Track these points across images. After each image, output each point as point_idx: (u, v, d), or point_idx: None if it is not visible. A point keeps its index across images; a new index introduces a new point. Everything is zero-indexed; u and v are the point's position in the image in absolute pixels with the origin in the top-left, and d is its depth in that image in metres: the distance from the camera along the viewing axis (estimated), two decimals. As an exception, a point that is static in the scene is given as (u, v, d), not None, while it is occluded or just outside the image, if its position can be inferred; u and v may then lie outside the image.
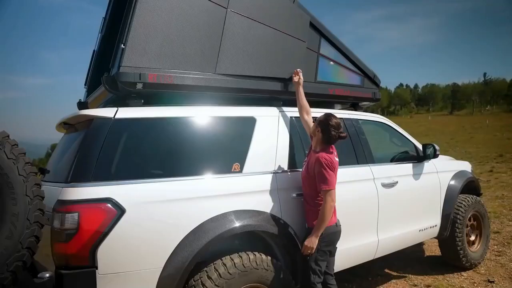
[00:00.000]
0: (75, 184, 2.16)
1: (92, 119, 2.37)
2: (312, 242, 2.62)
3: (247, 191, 2.66)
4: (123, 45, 2.42)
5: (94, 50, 3.64)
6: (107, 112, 2.37)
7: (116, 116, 2.36)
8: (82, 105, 3.37)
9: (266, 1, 3.17)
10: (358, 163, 3.46)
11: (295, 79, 3.14)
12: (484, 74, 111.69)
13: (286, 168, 2.92)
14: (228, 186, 2.59)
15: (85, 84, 3.71)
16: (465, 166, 4.86)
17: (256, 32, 3.05)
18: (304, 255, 2.68)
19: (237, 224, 2.49)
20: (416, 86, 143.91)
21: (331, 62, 3.70)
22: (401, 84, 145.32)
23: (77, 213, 2.06)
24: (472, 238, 4.69)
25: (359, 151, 3.51)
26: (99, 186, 2.17)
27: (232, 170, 2.68)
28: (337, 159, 2.77)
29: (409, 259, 4.98)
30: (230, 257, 2.46)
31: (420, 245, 5.43)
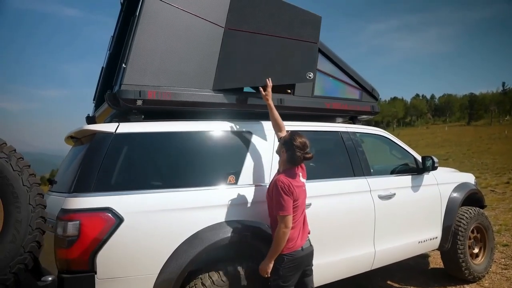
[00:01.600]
0: (77, 194, 2.32)
1: (95, 133, 2.55)
2: (265, 266, 2.54)
3: (241, 202, 2.77)
4: (124, 65, 2.60)
5: (102, 67, 3.86)
6: (109, 127, 2.55)
7: (117, 131, 2.53)
8: (90, 119, 3.57)
9: (265, 20, 3.29)
10: (354, 175, 3.54)
11: (263, 92, 2.99)
12: (503, 84, 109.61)
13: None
14: (223, 197, 2.71)
15: (93, 99, 3.92)
16: (468, 178, 4.86)
17: (253, 49, 3.18)
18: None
19: (230, 234, 2.60)
20: (432, 96, 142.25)
21: (328, 77, 3.80)
22: (417, 95, 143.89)
23: (78, 221, 2.21)
24: (476, 250, 4.67)
25: (355, 164, 3.59)
26: (99, 197, 2.33)
27: (228, 182, 2.80)
28: (303, 180, 2.70)
29: (412, 270, 4.99)
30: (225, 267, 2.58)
31: (425, 257, 5.42)
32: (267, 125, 3.13)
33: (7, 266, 1.90)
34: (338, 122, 4.22)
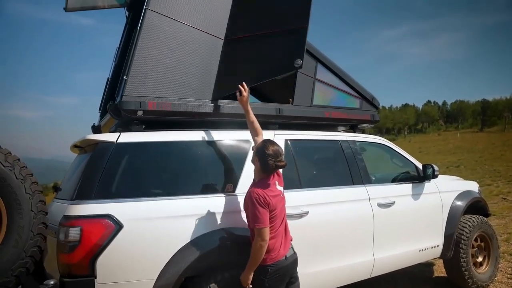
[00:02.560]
0: (79, 202, 2.42)
1: (97, 143, 2.66)
2: (245, 277, 2.51)
3: (239, 210, 2.83)
4: (126, 76, 2.71)
5: (108, 78, 3.99)
6: (111, 137, 2.65)
7: (118, 141, 2.63)
8: (95, 128, 3.69)
9: (255, 21, 3.31)
10: (353, 184, 3.58)
11: (238, 95, 2.92)
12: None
13: (279, 189, 3.09)
14: (221, 205, 2.78)
15: (99, 109, 4.05)
16: (471, 186, 4.85)
17: (243, 53, 3.26)
18: None
19: (228, 241, 2.67)
20: (444, 103, 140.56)
21: (328, 87, 3.87)
22: (429, 101, 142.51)
23: (79, 227, 2.31)
24: (480, 259, 4.63)
25: (354, 172, 3.63)
26: (100, 204, 2.42)
27: (226, 190, 2.88)
28: (279, 188, 2.64)
29: (416, 278, 4.97)
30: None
31: (429, 265, 5.39)
32: (265, 134, 3.20)
33: (9, 269, 2.00)
34: (340, 131, 4.27)
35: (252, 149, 2.72)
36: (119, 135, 2.66)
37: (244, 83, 2.92)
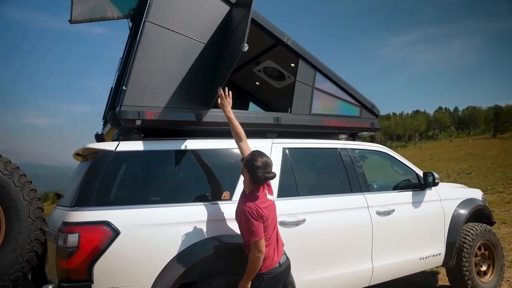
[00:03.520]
0: (77, 208, 2.50)
1: (96, 151, 2.73)
2: (242, 286, 2.56)
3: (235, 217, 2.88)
4: (125, 87, 2.79)
5: (111, 87, 4.09)
6: (110, 146, 2.73)
7: (117, 149, 2.70)
8: (98, 137, 3.78)
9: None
10: (351, 192, 3.59)
11: (219, 102, 2.89)
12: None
13: (275, 197, 3.11)
14: (217, 213, 2.83)
15: (103, 118, 4.14)
16: (475, 193, 4.81)
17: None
18: None
19: (223, 248, 2.71)
20: (456, 109, 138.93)
21: (326, 95, 3.91)
22: (440, 108, 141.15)
23: (77, 234, 2.38)
24: (484, 268, 4.58)
25: (353, 180, 3.64)
26: (98, 211, 2.49)
27: (222, 198, 2.93)
28: (270, 197, 2.66)
29: (420, 287, 4.93)
30: None
31: (434, 274, 5.35)
32: (262, 143, 3.25)
33: (6, 273, 2.08)
34: (341, 139, 4.29)
35: (241, 161, 2.74)
36: (118, 144, 2.73)
37: (222, 88, 2.88)
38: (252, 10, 2.87)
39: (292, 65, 4.12)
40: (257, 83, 5.11)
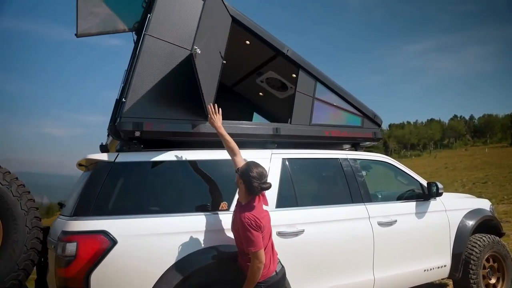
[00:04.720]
0: (76, 218, 2.55)
1: (96, 162, 2.80)
2: None
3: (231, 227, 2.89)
4: (124, 99, 2.86)
5: (116, 99, 4.17)
6: (109, 157, 2.79)
7: (116, 160, 2.76)
8: (103, 147, 3.86)
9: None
10: (352, 202, 3.57)
11: (209, 119, 2.91)
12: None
13: (274, 207, 3.13)
14: (215, 223, 2.85)
15: (107, 129, 4.22)
16: (483, 204, 4.71)
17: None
18: None
19: (219, 258, 2.72)
20: (471, 117, 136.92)
21: (327, 105, 3.92)
22: (455, 116, 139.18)
23: (75, 243, 2.43)
24: (493, 281, 4.47)
25: (354, 190, 3.62)
26: (96, 220, 2.54)
27: (220, 208, 2.95)
28: (265, 207, 2.69)
29: (426, 299, 4.83)
30: None
31: (443, 286, 5.24)
32: (260, 153, 3.27)
33: (1, 281, 2.13)
34: (345, 149, 4.28)
35: (236, 172, 2.75)
36: (117, 155, 2.79)
37: (212, 105, 2.92)
38: (204, 11, 2.89)
39: (294, 75, 4.15)
40: (260, 93, 5.16)
